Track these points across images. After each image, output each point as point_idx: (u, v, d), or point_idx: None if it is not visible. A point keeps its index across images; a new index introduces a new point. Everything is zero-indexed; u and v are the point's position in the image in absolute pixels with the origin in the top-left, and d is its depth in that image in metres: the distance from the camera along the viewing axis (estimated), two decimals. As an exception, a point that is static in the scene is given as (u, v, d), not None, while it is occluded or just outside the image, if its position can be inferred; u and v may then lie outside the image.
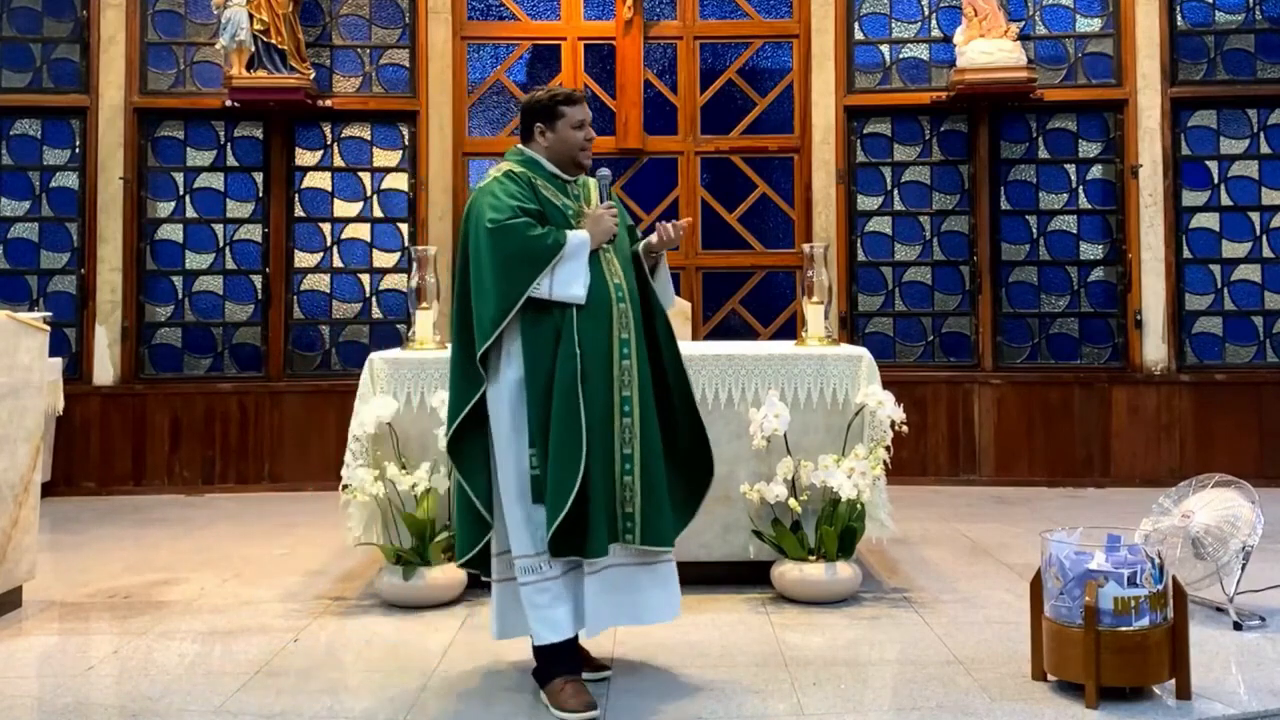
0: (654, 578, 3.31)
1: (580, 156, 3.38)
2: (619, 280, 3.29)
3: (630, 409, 3.24)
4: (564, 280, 3.17)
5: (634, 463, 3.23)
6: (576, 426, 3.11)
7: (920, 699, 3.27)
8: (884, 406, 4.37)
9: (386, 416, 4.37)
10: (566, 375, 3.14)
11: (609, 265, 3.29)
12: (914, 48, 7.77)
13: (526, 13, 7.96)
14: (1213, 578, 3.96)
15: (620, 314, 3.26)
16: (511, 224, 3.17)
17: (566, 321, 3.18)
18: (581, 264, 3.20)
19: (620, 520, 3.22)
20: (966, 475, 7.39)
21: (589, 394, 3.15)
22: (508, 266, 3.15)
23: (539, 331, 3.17)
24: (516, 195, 3.23)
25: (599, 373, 3.19)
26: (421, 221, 7.60)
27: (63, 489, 7.04)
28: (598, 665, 3.48)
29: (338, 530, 5.08)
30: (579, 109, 3.37)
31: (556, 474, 3.10)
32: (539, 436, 3.15)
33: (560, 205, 3.31)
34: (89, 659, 3.73)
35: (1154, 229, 7.42)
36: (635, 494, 3.23)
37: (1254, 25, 7.59)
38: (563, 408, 3.12)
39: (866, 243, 7.71)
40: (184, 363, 7.55)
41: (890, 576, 4.77)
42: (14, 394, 4.16)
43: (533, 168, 3.35)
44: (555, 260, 3.16)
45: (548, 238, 3.18)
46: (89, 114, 7.48)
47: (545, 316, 3.18)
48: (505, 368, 3.21)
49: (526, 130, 3.41)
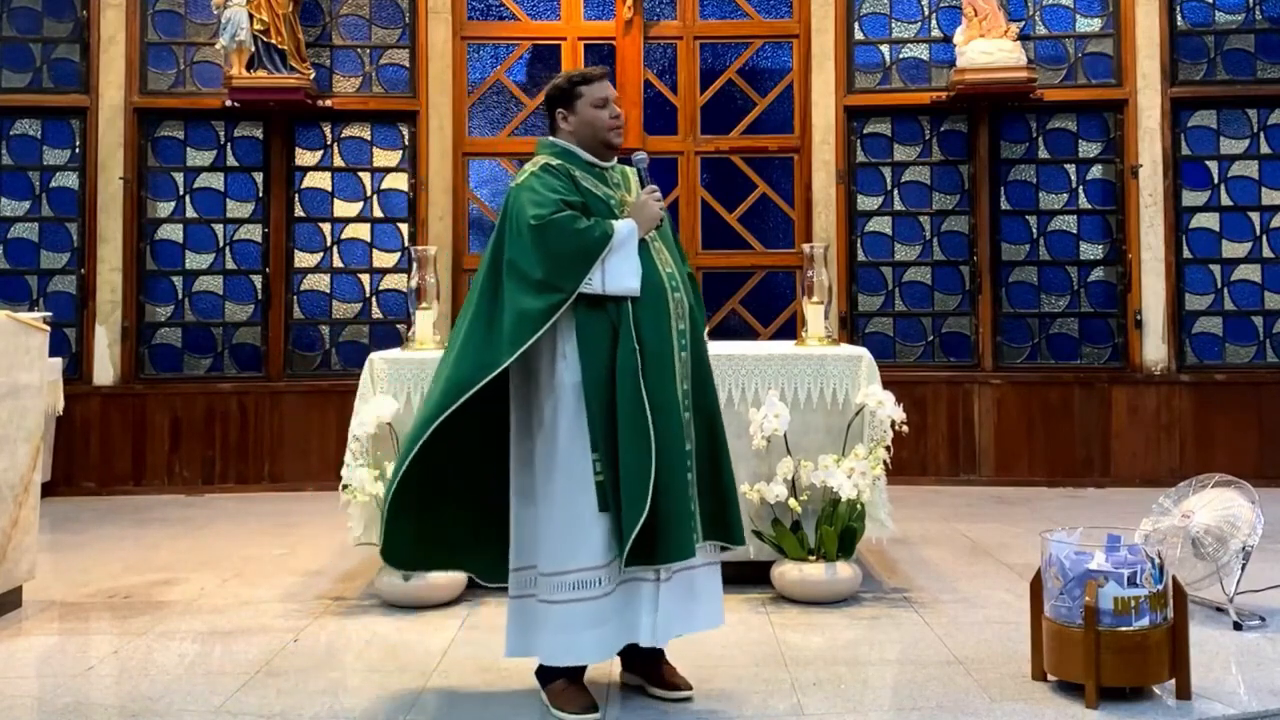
0: (712, 581, 3.20)
1: (610, 136, 3.20)
2: (670, 269, 3.16)
3: (689, 403, 3.12)
4: (616, 273, 3.02)
5: (693, 459, 3.10)
6: (644, 426, 2.96)
7: (920, 699, 3.26)
8: (884, 406, 4.37)
9: (386, 416, 4.37)
10: (628, 372, 2.99)
11: (659, 254, 3.15)
12: (914, 48, 7.77)
13: (526, 13, 7.96)
14: (1213, 578, 3.96)
15: (676, 303, 3.12)
16: (557, 218, 3.01)
17: (623, 316, 3.03)
18: (632, 254, 3.05)
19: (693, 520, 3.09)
20: (966, 475, 7.39)
21: (653, 390, 3.01)
22: (557, 262, 2.99)
23: (595, 328, 3.02)
24: (558, 189, 3.07)
25: (661, 367, 3.05)
26: (421, 221, 7.60)
27: (63, 489, 7.04)
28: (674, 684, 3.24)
29: (338, 530, 5.10)
30: (599, 86, 3.20)
31: (629, 478, 2.94)
32: (602, 440, 2.99)
33: (602, 195, 3.17)
34: (89, 659, 3.73)
35: (1154, 229, 7.42)
36: (697, 491, 3.11)
37: (1254, 25, 7.59)
38: (627, 407, 2.97)
39: (866, 243, 7.71)
40: (184, 363, 7.55)
41: (890, 576, 4.77)
42: (14, 394, 4.16)
43: (568, 158, 3.19)
44: (605, 252, 3.01)
45: (595, 229, 3.02)
46: (89, 114, 7.48)
47: (599, 313, 3.02)
48: (562, 373, 3.05)
49: (551, 122, 3.26)
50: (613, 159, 3.29)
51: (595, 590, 3.02)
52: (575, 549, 3.02)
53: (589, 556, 3.01)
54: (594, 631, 3.02)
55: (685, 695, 3.22)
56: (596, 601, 3.02)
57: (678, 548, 2.99)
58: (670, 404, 3.06)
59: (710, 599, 3.20)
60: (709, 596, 3.20)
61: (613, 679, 3.37)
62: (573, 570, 3.02)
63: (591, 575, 3.01)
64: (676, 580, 3.09)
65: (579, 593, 3.02)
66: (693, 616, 3.16)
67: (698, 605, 3.16)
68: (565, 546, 3.03)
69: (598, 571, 3.01)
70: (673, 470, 3.03)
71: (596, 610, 3.02)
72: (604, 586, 3.02)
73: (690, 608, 3.14)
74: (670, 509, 3.00)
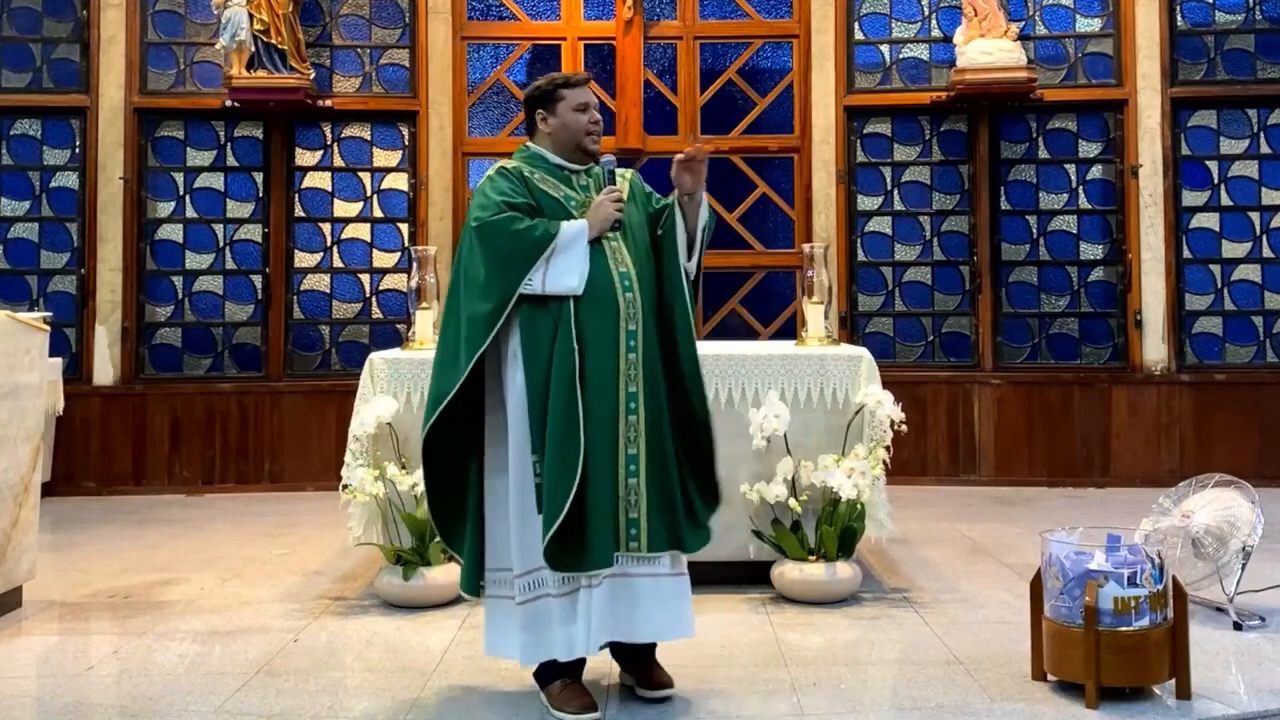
0: (657, 591, 3.10)
1: (586, 141, 3.23)
2: (626, 269, 3.13)
3: (636, 406, 3.08)
4: (558, 272, 3.03)
5: (639, 464, 3.06)
6: (574, 426, 2.97)
7: (920, 699, 3.26)
8: (883, 406, 4.37)
9: (386, 416, 4.37)
10: (564, 372, 3.00)
11: (615, 254, 3.13)
12: (914, 48, 7.77)
13: (526, 13, 7.96)
14: (1213, 578, 3.96)
15: (627, 304, 3.10)
16: (496, 220, 3.06)
17: (564, 315, 3.04)
18: (577, 254, 3.06)
19: (624, 527, 3.05)
20: (966, 475, 7.39)
21: (590, 390, 3.01)
22: (498, 263, 3.03)
23: (536, 329, 3.04)
24: (505, 190, 3.12)
25: (602, 368, 3.04)
26: (421, 221, 7.60)
27: (63, 489, 7.04)
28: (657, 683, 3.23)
29: (338, 530, 5.09)
30: (581, 91, 3.23)
31: (552, 478, 2.96)
32: (539, 441, 3.01)
33: (560, 197, 3.18)
34: (89, 659, 3.73)
35: (1154, 229, 7.42)
36: (641, 498, 3.06)
37: (1254, 25, 7.59)
38: (559, 406, 2.98)
39: (866, 243, 7.71)
40: (184, 363, 7.55)
41: (890, 576, 4.77)
42: (14, 394, 4.16)
43: (532, 161, 3.23)
44: (548, 252, 3.03)
45: (536, 230, 3.05)
46: (89, 114, 7.48)
47: (542, 311, 3.05)
48: (510, 372, 3.09)
49: (530, 122, 3.29)
50: (587, 163, 3.29)
51: (552, 589, 3.04)
52: (531, 549, 3.04)
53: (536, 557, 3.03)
54: (563, 629, 3.03)
55: (664, 694, 3.22)
56: (557, 600, 3.03)
57: (594, 557, 2.99)
58: (608, 407, 3.05)
59: (662, 608, 3.11)
60: (659, 606, 3.10)
61: (613, 679, 3.37)
62: (531, 570, 3.05)
63: (545, 575, 3.04)
64: (608, 586, 3.04)
65: (537, 591, 3.05)
66: (633, 621, 3.09)
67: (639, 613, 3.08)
68: (522, 547, 3.05)
69: (539, 574, 3.04)
70: (603, 475, 3.02)
71: (560, 608, 3.03)
72: (563, 586, 3.03)
73: (630, 611, 3.07)
74: (597, 514, 2.99)
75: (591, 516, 2.99)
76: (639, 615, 3.09)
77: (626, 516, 3.07)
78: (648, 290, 3.18)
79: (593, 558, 3.00)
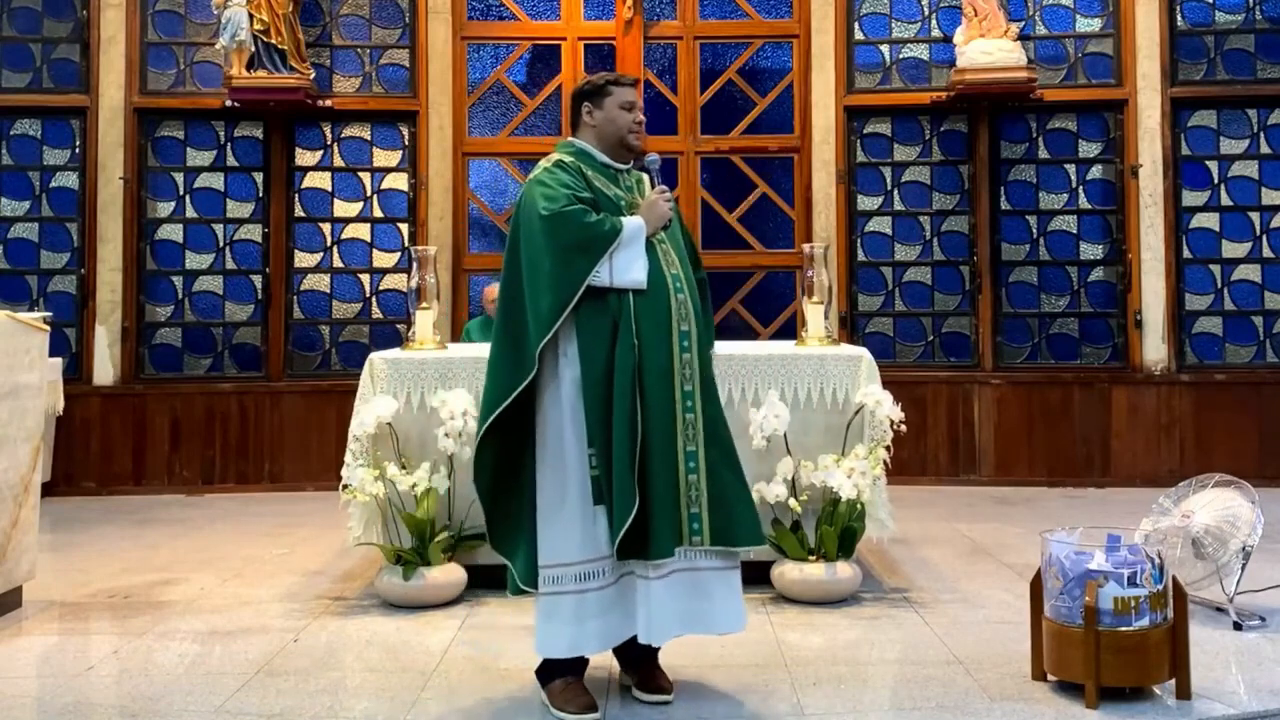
0: (726, 585, 3.15)
1: (629, 138, 3.27)
2: (676, 270, 3.18)
3: (693, 404, 3.12)
4: (624, 266, 3.07)
5: (698, 460, 3.11)
6: (635, 422, 3.01)
7: (920, 699, 3.26)
8: (883, 406, 4.37)
9: (386, 416, 4.37)
10: (625, 368, 3.03)
11: (665, 255, 3.18)
12: (914, 48, 7.77)
13: (526, 13, 7.96)
14: (1213, 578, 3.96)
15: (679, 304, 3.14)
16: (567, 211, 3.07)
17: (625, 312, 3.07)
18: (639, 250, 3.10)
19: (686, 521, 3.08)
20: (966, 475, 7.39)
21: (649, 387, 3.04)
22: (566, 254, 3.04)
23: (596, 324, 3.06)
24: (569, 184, 3.14)
25: (659, 366, 3.07)
26: (421, 221, 7.60)
27: (63, 489, 7.04)
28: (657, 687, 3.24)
29: (338, 530, 5.09)
30: (628, 90, 3.29)
31: (620, 471, 2.99)
32: (598, 434, 3.03)
33: (612, 195, 3.22)
34: (89, 659, 3.73)
35: (1154, 229, 7.42)
36: (701, 493, 3.10)
37: (1254, 25, 7.59)
38: (622, 402, 3.01)
39: (866, 243, 7.71)
40: (184, 363, 7.56)
41: (890, 576, 4.77)
42: (14, 394, 4.16)
43: (583, 158, 3.26)
44: (614, 246, 3.06)
45: (604, 223, 3.08)
46: (89, 114, 7.49)
47: (602, 307, 3.07)
48: (563, 369, 3.09)
49: (575, 116, 3.33)
50: (628, 161, 3.34)
51: (600, 580, 3.07)
52: (582, 541, 3.07)
53: (594, 548, 3.06)
54: (597, 622, 3.07)
55: (663, 699, 3.21)
56: (601, 592, 3.07)
57: (657, 547, 3.03)
58: (666, 403, 3.08)
59: (725, 602, 3.16)
60: (723, 599, 3.15)
61: (613, 679, 3.37)
62: (580, 562, 3.07)
63: (596, 567, 3.07)
64: (675, 580, 3.09)
65: (586, 584, 3.07)
66: (700, 618, 3.14)
67: (708, 607, 3.13)
68: (576, 537, 3.08)
69: (602, 563, 3.07)
70: (665, 468, 3.06)
71: (600, 601, 3.07)
72: (608, 577, 3.07)
73: (696, 609, 3.12)
74: (657, 506, 3.03)
75: (654, 507, 3.03)
76: (710, 609, 3.14)
77: (689, 512, 3.10)
78: (693, 292, 3.22)
79: (656, 547, 3.03)
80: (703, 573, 3.13)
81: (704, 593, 3.13)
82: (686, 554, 3.10)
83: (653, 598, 3.05)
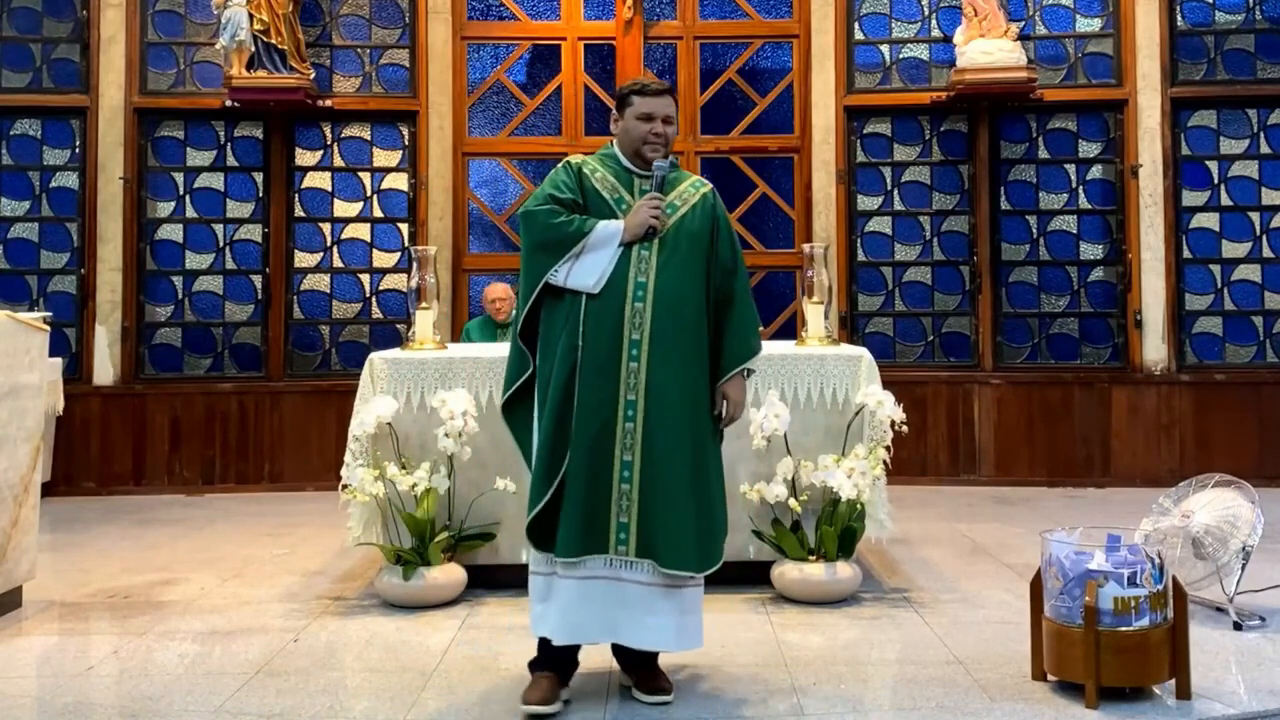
0: (657, 601, 3.09)
1: (644, 149, 3.28)
2: (645, 279, 3.14)
3: (634, 415, 3.10)
4: (582, 270, 3.14)
5: (633, 471, 3.09)
6: (565, 419, 3.10)
7: (920, 699, 3.26)
8: (883, 406, 4.37)
9: (386, 416, 4.37)
10: (565, 367, 3.12)
11: (641, 262, 3.15)
12: (914, 48, 7.77)
13: (526, 13, 7.96)
14: (1213, 578, 3.96)
15: (634, 313, 3.12)
16: (535, 210, 3.21)
17: (574, 313, 3.14)
18: (607, 254, 3.14)
19: (614, 530, 3.08)
20: (966, 475, 7.39)
21: (583, 389, 3.10)
22: (532, 251, 3.20)
23: (553, 320, 3.18)
24: (558, 185, 3.26)
25: (602, 370, 3.10)
26: (421, 221, 7.60)
27: (63, 489, 7.04)
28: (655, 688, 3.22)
29: (338, 530, 5.09)
30: (650, 101, 3.27)
31: (540, 463, 3.13)
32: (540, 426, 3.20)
33: (610, 198, 3.25)
34: (89, 659, 3.73)
35: (1154, 229, 7.42)
36: (633, 504, 3.08)
37: (1254, 25, 7.59)
38: (555, 398, 3.12)
39: (866, 243, 7.71)
40: (184, 363, 7.56)
41: (890, 576, 4.77)
42: (14, 394, 4.16)
43: (604, 159, 3.35)
44: (578, 248, 3.13)
45: (571, 224, 3.16)
46: (89, 114, 7.48)
47: (560, 304, 3.18)
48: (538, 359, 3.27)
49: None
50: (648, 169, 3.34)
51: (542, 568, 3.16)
52: None
53: None
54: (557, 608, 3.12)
55: (663, 700, 3.20)
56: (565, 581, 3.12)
57: (564, 545, 3.08)
58: (600, 407, 3.10)
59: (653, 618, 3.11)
60: (649, 614, 3.10)
61: (613, 678, 3.37)
62: None
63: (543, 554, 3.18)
64: (595, 585, 3.09)
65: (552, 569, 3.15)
66: (618, 628, 3.12)
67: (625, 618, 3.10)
68: None
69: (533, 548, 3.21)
70: (587, 472, 3.08)
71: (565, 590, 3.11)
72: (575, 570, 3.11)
73: (615, 618, 3.10)
74: (569, 506, 3.08)
75: (566, 506, 3.09)
76: (625, 619, 3.11)
77: (618, 520, 3.10)
78: (670, 305, 3.15)
79: (562, 545, 3.08)
80: (626, 585, 3.10)
81: (624, 604, 3.10)
82: (612, 563, 3.09)
83: (564, 596, 3.10)
